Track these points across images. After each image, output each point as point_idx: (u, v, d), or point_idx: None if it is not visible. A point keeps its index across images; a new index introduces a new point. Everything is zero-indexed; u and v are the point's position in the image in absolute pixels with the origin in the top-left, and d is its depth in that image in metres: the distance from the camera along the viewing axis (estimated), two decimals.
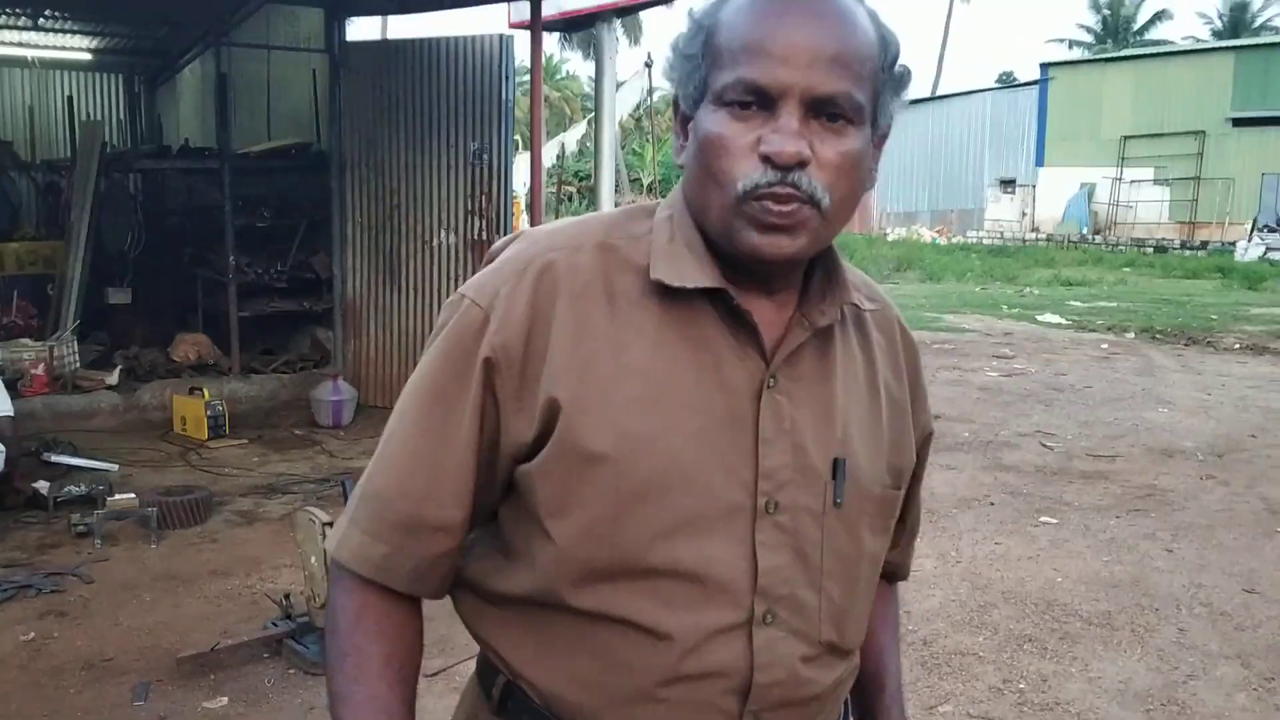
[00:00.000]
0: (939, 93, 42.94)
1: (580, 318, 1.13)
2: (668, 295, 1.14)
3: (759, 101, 1.08)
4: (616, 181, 14.98)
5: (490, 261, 1.22)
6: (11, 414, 6.01)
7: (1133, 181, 31.21)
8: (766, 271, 1.15)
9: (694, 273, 1.13)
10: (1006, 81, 45.66)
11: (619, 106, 15.85)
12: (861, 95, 1.10)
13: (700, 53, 1.13)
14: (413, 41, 8.73)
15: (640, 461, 1.11)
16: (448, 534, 1.18)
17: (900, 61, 1.16)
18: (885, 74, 1.14)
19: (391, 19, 9.86)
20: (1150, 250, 28.50)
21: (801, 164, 1.07)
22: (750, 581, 1.14)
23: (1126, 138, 31.28)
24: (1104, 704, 3.98)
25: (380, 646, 1.19)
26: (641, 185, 31.64)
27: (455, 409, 1.15)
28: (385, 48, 9.28)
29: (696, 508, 1.12)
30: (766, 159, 1.07)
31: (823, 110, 1.08)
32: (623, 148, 31.63)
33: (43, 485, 6.23)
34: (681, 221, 1.18)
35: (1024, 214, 33.29)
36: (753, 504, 1.14)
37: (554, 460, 1.12)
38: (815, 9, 1.09)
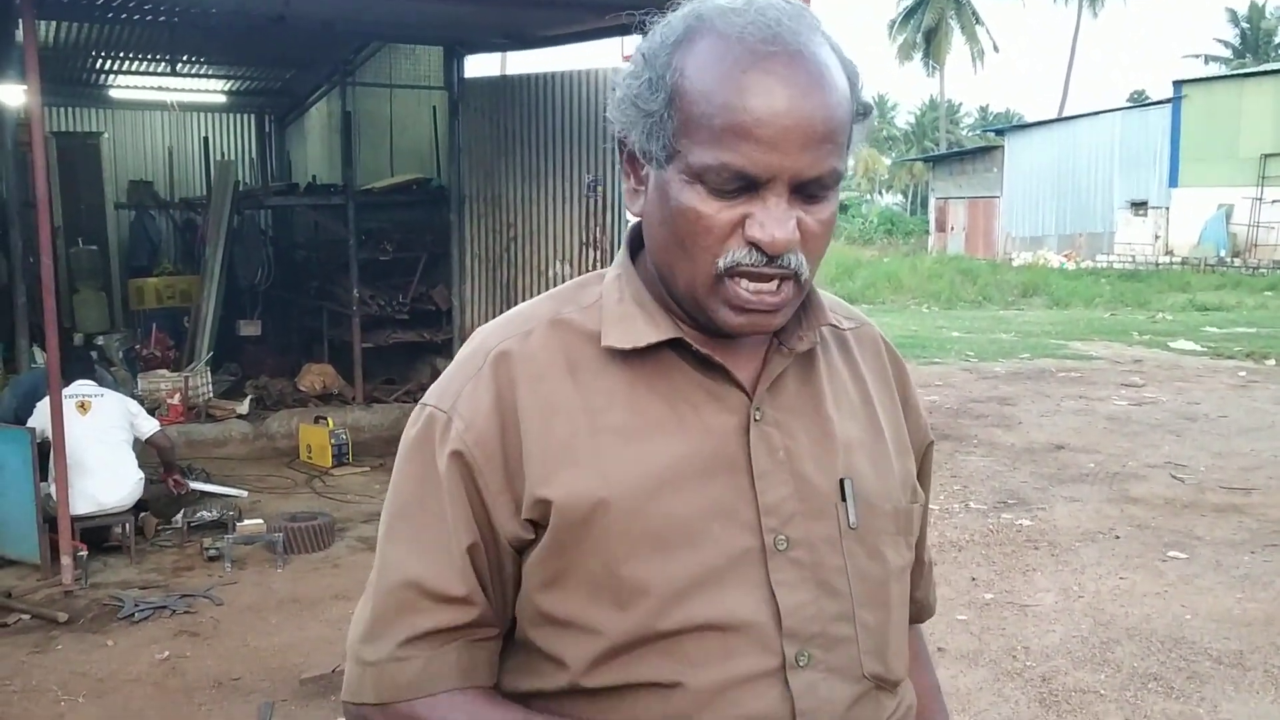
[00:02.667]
0: (1065, 113, 41.94)
1: (545, 400, 1.10)
2: (630, 357, 1.11)
3: (744, 183, 1.02)
4: None
5: None
6: (160, 428, 6.63)
7: (1274, 201, 29.92)
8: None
9: (645, 330, 1.10)
10: (1138, 100, 44.32)
11: None
12: (843, 164, 1.06)
13: (664, 112, 1.05)
14: (528, 77, 8.92)
15: (634, 524, 1.06)
16: (464, 610, 1.10)
17: (862, 94, 1.10)
18: (855, 117, 1.09)
19: (512, 54, 10.09)
20: None
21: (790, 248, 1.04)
22: (775, 625, 1.08)
23: (1267, 156, 30.01)
24: None
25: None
26: None
27: (430, 509, 1.11)
28: (502, 84, 9.50)
29: (702, 560, 1.07)
30: (754, 244, 1.03)
31: (807, 189, 1.04)
32: None
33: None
34: (629, 278, 1.15)
35: (1157, 237, 32.17)
36: (761, 544, 1.08)
37: (551, 543, 1.08)
38: (797, 78, 1.01)
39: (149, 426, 6.41)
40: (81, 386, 6.15)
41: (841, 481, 1.14)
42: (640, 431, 1.09)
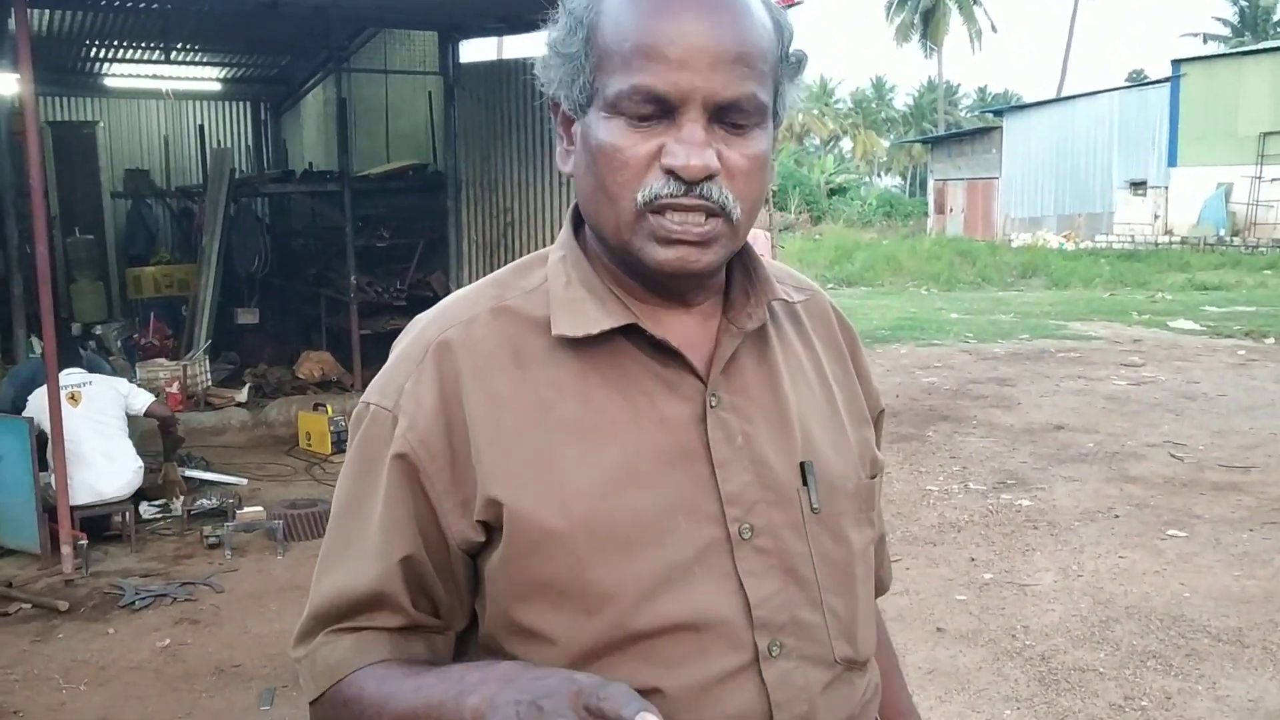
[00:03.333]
0: (1064, 94, 41.81)
1: (492, 394, 1.05)
2: (580, 345, 1.06)
3: (657, 109, 1.00)
4: None
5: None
6: (155, 399, 6.70)
7: (1273, 180, 29.86)
8: (680, 286, 1.08)
9: (596, 315, 1.06)
10: (1137, 80, 44.17)
11: None
12: (765, 94, 1.03)
13: (582, 52, 1.04)
14: (523, 60, 8.89)
15: (595, 527, 1.03)
16: (393, 617, 1.08)
17: (795, 46, 1.08)
18: (783, 63, 1.07)
19: (508, 38, 10.06)
20: None
21: (710, 176, 1.00)
22: (745, 618, 1.05)
23: (1266, 134, 29.95)
24: None
25: (378, 682, 1.05)
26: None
27: (367, 515, 1.08)
28: (497, 68, 9.48)
29: (668, 557, 1.03)
30: (670, 171, 1.00)
31: (726, 115, 1.01)
32: None
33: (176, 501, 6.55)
34: (575, 260, 1.11)
35: (1156, 216, 32.11)
36: (726, 534, 1.06)
37: (510, 550, 1.04)
38: (709, 1, 1.01)
39: (142, 401, 6.37)
40: (69, 376, 5.99)
41: (802, 465, 1.11)
42: (594, 428, 1.05)
